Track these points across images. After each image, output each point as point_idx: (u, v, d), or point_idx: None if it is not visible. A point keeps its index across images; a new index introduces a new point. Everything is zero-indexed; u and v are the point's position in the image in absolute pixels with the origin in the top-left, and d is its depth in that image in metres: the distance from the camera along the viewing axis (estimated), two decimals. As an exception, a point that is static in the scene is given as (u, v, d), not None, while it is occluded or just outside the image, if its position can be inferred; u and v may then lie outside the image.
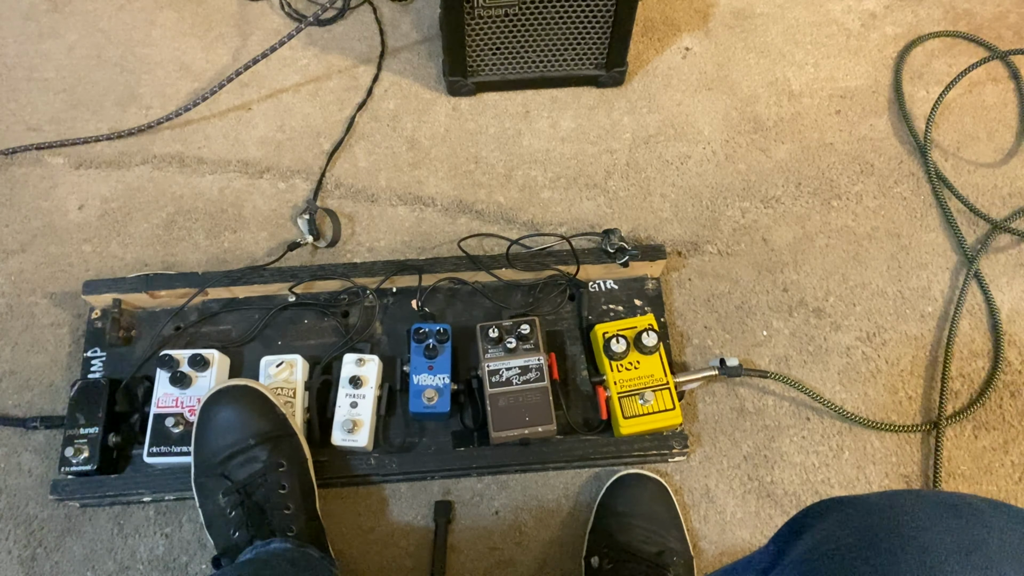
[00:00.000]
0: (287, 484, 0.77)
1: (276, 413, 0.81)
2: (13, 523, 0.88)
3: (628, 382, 0.90)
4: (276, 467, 0.77)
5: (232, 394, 0.80)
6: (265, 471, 0.77)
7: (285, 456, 0.79)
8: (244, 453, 0.77)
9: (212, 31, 1.22)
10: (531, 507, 0.90)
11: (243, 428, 0.78)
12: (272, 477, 0.77)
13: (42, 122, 1.14)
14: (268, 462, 0.77)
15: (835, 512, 0.50)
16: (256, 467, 0.77)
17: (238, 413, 0.79)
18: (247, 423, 0.78)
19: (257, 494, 0.76)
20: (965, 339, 1.00)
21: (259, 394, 0.80)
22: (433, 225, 1.06)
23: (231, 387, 0.80)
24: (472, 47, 1.08)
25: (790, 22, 1.25)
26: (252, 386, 0.81)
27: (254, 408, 0.79)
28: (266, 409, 0.80)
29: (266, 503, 0.76)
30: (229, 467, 0.77)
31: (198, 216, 1.07)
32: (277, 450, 0.78)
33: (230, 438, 0.78)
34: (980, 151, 1.14)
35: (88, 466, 0.84)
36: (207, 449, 0.78)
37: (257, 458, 0.77)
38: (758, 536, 0.89)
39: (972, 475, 0.92)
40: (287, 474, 0.78)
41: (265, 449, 0.78)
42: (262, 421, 0.79)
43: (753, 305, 1.02)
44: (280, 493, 0.77)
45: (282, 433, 0.80)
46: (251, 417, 0.79)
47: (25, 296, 1.01)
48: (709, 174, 1.11)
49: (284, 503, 0.76)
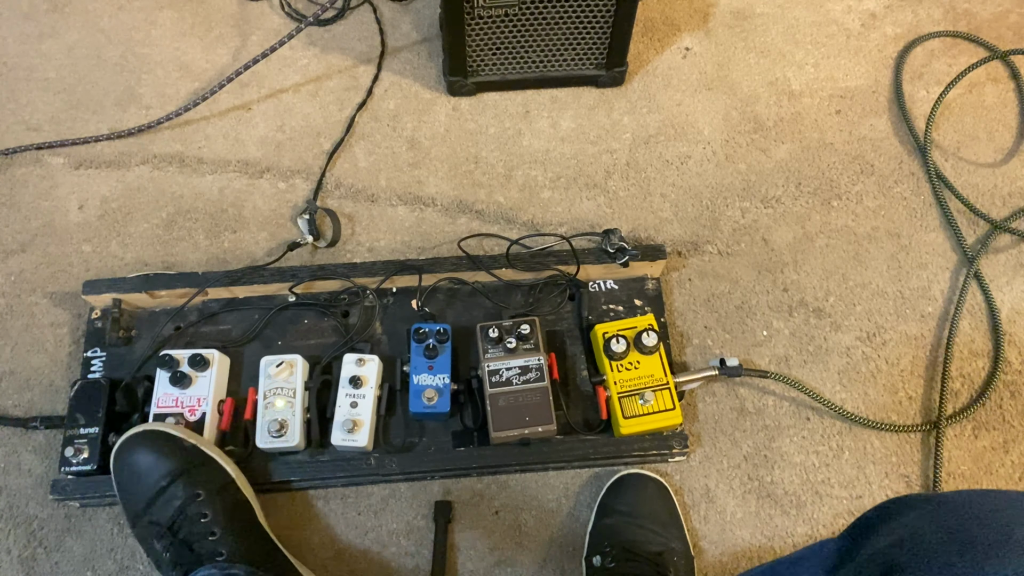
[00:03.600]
0: (208, 512, 0.78)
1: (182, 446, 0.81)
2: (13, 523, 0.88)
3: (628, 382, 0.90)
4: (194, 498, 0.78)
5: (134, 442, 0.80)
6: (184, 506, 0.77)
7: (201, 485, 0.79)
8: (162, 494, 0.78)
9: (212, 31, 1.22)
10: (531, 507, 0.90)
11: (153, 471, 0.79)
12: (192, 509, 0.77)
13: (42, 122, 1.14)
14: (184, 496, 0.78)
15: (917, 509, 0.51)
16: (175, 504, 0.77)
17: (144, 458, 0.79)
18: (155, 465, 0.79)
19: (182, 530, 0.77)
20: (965, 339, 1.00)
21: (159, 433, 0.81)
22: (433, 225, 1.06)
23: (131, 436, 0.81)
24: (472, 47, 1.08)
25: (790, 22, 1.25)
26: (150, 428, 0.81)
27: (157, 449, 0.80)
28: (170, 445, 0.80)
29: (190, 536, 0.76)
30: (153, 511, 0.78)
31: (198, 216, 1.07)
32: (191, 482, 0.79)
33: (144, 484, 0.79)
34: (980, 151, 1.14)
35: (88, 466, 0.84)
36: (129, 501, 0.80)
37: (174, 495, 0.78)
38: (758, 536, 0.89)
39: (972, 475, 0.92)
40: (206, 502, 0.78)
41: (180, 484, 0.78)
42: (168, 459, 0.79)
43: (753, 305, 1.02)
44: (202, 522, 0.77)
45: (192, 464, 0.80)
46: (157, 458, 0.79)
47: (25, 296, 1.01)
48: (709, 174, 1.11)
49: (208, 530, 0.77)
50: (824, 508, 0.90)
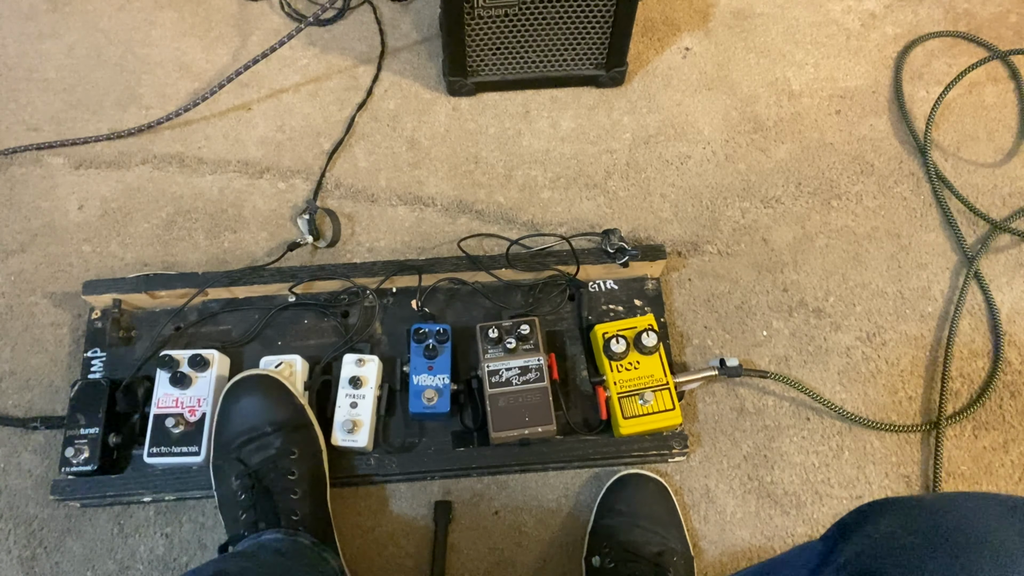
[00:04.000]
0: (296, 471, 0.79)
1: (294, 403, 0.83)
2: (13, 523, 0.88)
3: (628, 382, 0.90)
4: (288, 454, 0.80)
5: (253, 382, 0.82)
6: (276, 457, 0.79)
7: (298, 445, 0.81)
8: (259, 439, 0.80)
9: (212, 31, 1.22)
10: (531, 507, 0.90)
11: (260, 415, 0.81)
12: (283, 463, 0.79)
13: (42, 122, 1.14)
14: (281, 448, 0.80)
15: (893, 512, 0.51)
16: (269, 453, 0.79)
17: (257, 400, 0.81)
18: (265, 410, 0.81)
19: (267, 479, 0.78)
20: (965, 339, 1.00)
21: (279, 383, 0.83)
22: (433, 225, 1.06)
23: (252, 376, 0.83)
24: (472, 47, 1.08)
25: (790, 22, 1.25)
26: (272, 375, 0.84)
27: (272, 397, 0.82)
28: (284, 398, 0.83)
29: (274, 487, 0.78)
30: (244, 452, 0.79)
31: (198, 216, 1.07)
32: (291, 438, 0.81)
33: (247, 424, 0.81)
34: (980, 151, 1.14)
35: (88, 466, 0.84)
36: (225, 434, 0.81)
37: (271, 444, 0.80)
38: (758, 536, 0.89)
39: (972, 475, 0.92)
40: (298, 461, 0.80)
41: (279, 436, 0.80)
42: (279, 409, 0.82)
43: (753, 305, 1.02)
44: (289, 479, 0.79)
45: (298, 423, 0.82)
46: (269, 405, 0.81)
47: (25, 296, 1.01)
48: (709, 174, 1.11)
49: (292, 488, 0.78)
50: (824, 508, 0.90)
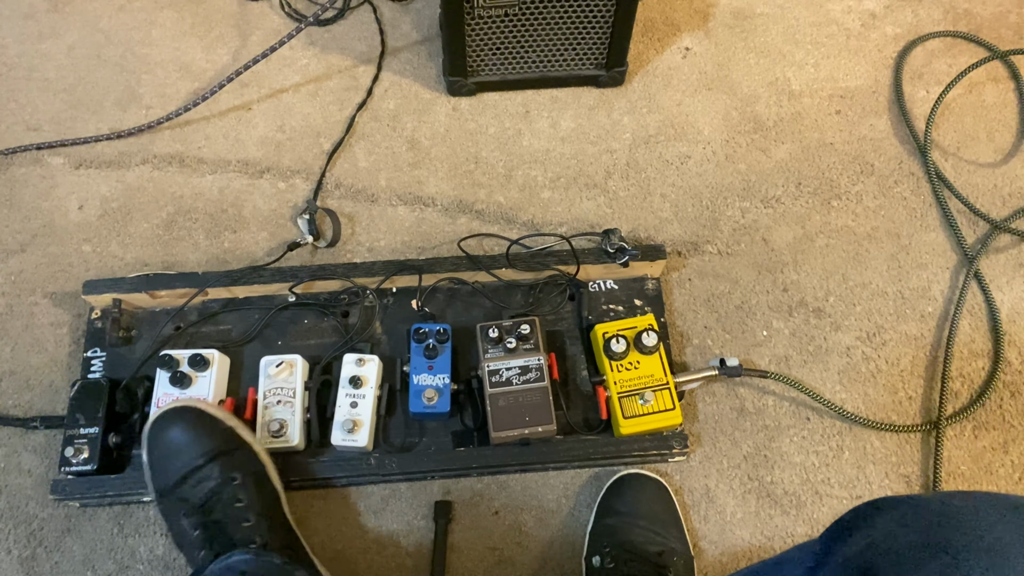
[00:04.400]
0: (244, 497, 0.77)
1: (221, 428, 0.80)
2: (13, 523, 0.88)
3: (628, 382, 0.90)
4: (230, 481, 0.77)
5: (172, 417, 0.79)
6: (219, 488, 0.77)
7: (238, 469, 0.78)
8: (196, 473, 0.77)
9: (212, 31, 1.22)
10: (531, 507, 0.90)
11: (190, 449, 0.78)
12: (227, 492, 0.77)
13: (42, 122, 1.14)
14: (221, 478, 0.77)
15: (890, 511, 0.50)
16: (210, 484, 0.77)
17: (181, 435, 0.78)
18: (193, 443, 0.78)
19: (216, 511, 0.76)
20: (965, 339, 1.00)
21: (200, 412, 0.80)
22: (433, 225, 1.06)
23: (171, 410, 0.80)
24: (472, 47, 1.08)
25: (790, 22, 1.25)
26: (191, 405, 0.81)
27: (197, 427, 0.79)
28: (210, 426, 0.80)
29: (225, 519, 0.76)
30: (184, 489, 0.77)
31: (198, 216, 1.07)
32: (228, 464, 0.78)
33: (179, 460, 0.78)
34: (980, 151, 1.14)
35: (88, 466, 0.84)
36: (160, 475, 0.79)
37: (210, 476, 0.77)
38: (758, 536, 0.89)
39: (972, 475, 0.92)
40: (242, 486, 0.77)
41: (216, 465, 0.77)
42: (207, 439, 0.79)
43: (753, 305, 1.02)
44: (237, 507, 0.76)
45: (231, 447, 0.80)
46: (196, 436, 0.79)
47: (25, 296, 1.01)
48: (709, 174, 1.11)
49: (243, 516, 0.76)
50: (824, 508, 0.90)
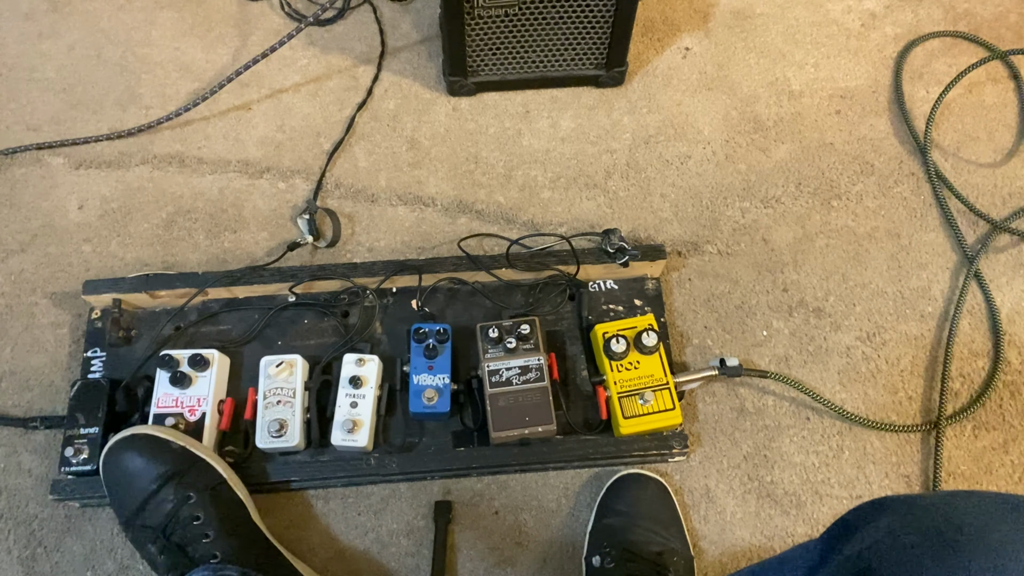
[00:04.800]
0: (201, 514, 0.77)
1: (171, 449, 0.81)
2: (13, 523, 0.88)
3: (628, 382, 0.90)
4: (185, 500, 0.78)
5: (122, 446, 0.80)
6: (175, 509, 0.77)
7: (192, 487, 0.79)
8: (152, 498, 0.78)
9: (212, 31, 1.22)
10: (531, 507, 0.90)
11: (142, 475, 0.79)
12: (184, 512, 0.77)
13: (42, 122, 1.14)
14: (176, 499, 0.77)
15: (892, 511, 0.50)
16: (167, 507, 0.77)
17: (133, 462, 0.79)
18: (144, 469, 0.79)
19: (175, 533, 0.76)
20: (965, 339, 1.00)
21: (147, 437, 0.81)
22: (433, 225, 1.06)
23: (119, 440, 0.80)
24: (472, 47, 1.08)
25: (790, 22, 1.25)
26: (139, 432, 0.81)
27: (147, 452, 0.80)
28: (159, 449, 0.80)
29: (184, 539, 0.76)
30: (145, 515, 0.78)
31: (198, 216, 1.07)
32: (182, 484, 0.79)
33: (135, 488, 0.78)
34: (980, 151, 1.14)
35: (88, 466, 0.84)
36: (120, 506, 0.80)
37: (165, 499, 0.78)
38: (758, 536, 0.89)
39: (972, 475, 0.92)
40: (198, 504, 0.78)
41: (170, 488, 0.78)
42: (157, 462, 0.79)
43: (753, 305, 1.02)
44: (195, 525, 0.77)
45: (183, 467, 0.80)
46: (147, 462, 0.79)
47: (25, 296, 1.01)
48: (709, 174, 1.11)
49: (202, 533, 0.77)
50: (824, 508, 0.90)
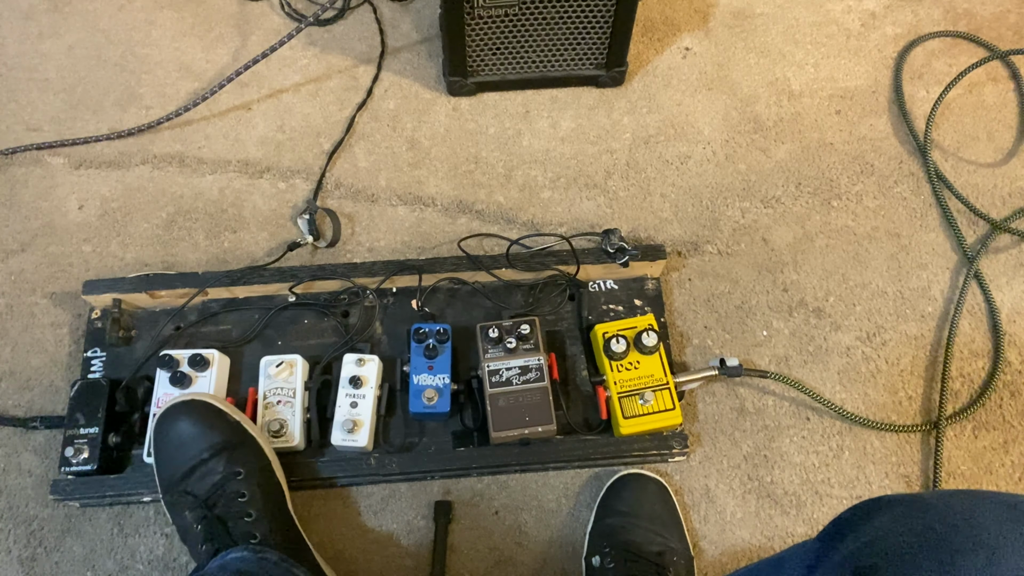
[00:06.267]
0: (246, 492, 0.77)
1: (227, 421, 0.80)
2: (13, 523, 0.88)
3: (628, 382, 0.90)
4: (234, 476, 0.77)
5: (180, 410, 0.80)
6: (223, 482, 0.77)
7: (242, 464, 0.79)
8: (201, 467, 0.77)
9: (212, 31, 1.22)
10: (531, 507, 0.90)
11: (196, 442, 0.78)
12: (230, 487, 0.77)
13: (42, 122, 1.14)
14: (225, 472, 0.77)
15: (889, 510, 0.50)
16: (214, 479, 0.77)
17: (189, 428, 0.79)
18: (199, 436, 0.78)
19: (218, 506, 0.76)
20: (965, 339, 1.00)
21: (207, 405, 0.80)
22: (433, 225, 1.06)
23: (178, 403, 0.80)
24: (472, 47, 1.08)
25: (790, 22, 1.25)
26: (199, 399, 0.81)
27: (204, 420, 0.79)
28: (216, 419, 0.80)
29: (227, 514, 0.76)
30: (190, 482, 0.77)
31: (198, 216, 1.07)
32: (233, 459, 0.78)
33: (185, 454, 0.78)
34: (980, 151, 1.14)
35: (88, 466, 0.84)
36: (166, 468, 0.79)
37: (214, 470, 0.77)
38: (758, 536, 0.89)
39: (972, 475, 0.92)
40: (245, 481, 0.78)
41: (221, 459, 0.78)
42: (213, 432, 0.79)
43: (753, 305, 1.02)
44: (240, 502, 0.77)
45: (236, 441, 0.80)
46: (202, 430, 0.79)
47: (25, 296, 1.01)
48: (709, 174, 1.11)
49: (245, 511, 0.76)
50: (824, 508, 0.90)
